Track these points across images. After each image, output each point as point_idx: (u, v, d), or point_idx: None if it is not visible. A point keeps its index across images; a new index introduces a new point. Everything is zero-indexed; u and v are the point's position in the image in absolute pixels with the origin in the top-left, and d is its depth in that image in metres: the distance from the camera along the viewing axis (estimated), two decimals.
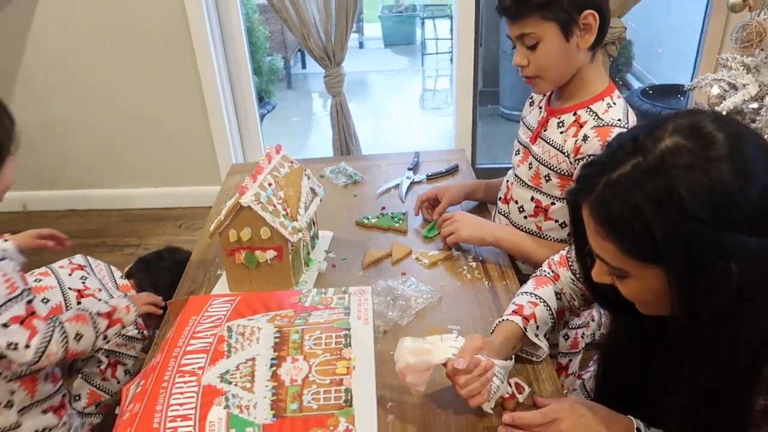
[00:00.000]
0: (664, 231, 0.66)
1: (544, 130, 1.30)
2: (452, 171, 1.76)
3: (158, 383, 0.76)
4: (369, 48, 7.00)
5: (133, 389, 0.83)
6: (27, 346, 1.09)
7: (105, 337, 1.24)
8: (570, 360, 1.38)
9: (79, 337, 1.18)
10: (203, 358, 0.79)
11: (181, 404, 0.72)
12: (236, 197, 1.18)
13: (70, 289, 1.44)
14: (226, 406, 0.71)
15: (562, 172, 1.26)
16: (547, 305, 1.08)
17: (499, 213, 1.46)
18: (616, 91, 1.25)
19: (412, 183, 1.71)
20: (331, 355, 0.78)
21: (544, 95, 1.36)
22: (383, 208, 1.59)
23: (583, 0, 1.15)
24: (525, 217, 1.36)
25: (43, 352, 1.11)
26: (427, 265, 1.35)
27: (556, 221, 1.32)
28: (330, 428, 0.67)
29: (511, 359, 1.02)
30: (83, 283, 1.48)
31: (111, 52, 2.67)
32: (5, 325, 1.07)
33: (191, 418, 0.70)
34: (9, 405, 1.23)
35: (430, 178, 1.73)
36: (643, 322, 0.84)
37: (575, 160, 1.22)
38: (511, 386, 0.94)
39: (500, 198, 1.46)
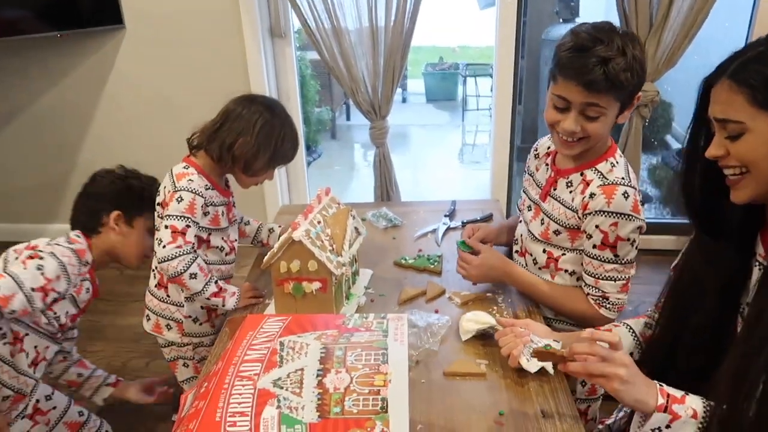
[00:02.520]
0: None
1: (554, 189, 1.41)
2: (487, 219, 1.87)
3: (220, 385, 0.87)
4: (412, 102, 7.25)
5: (191, 396, 0.95)
6: (163, 247, 1.44)
7: (207, 298, 1.51)
8: (588, 406, 1.45)
9: (193, 275, 1.47)
10: (259, 366, 0.91)
11: (239, 403, 0.83)
12: (289, 232, 1.31)
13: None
14: (278, 407, 0.82)
15: (571, 227, 1.37)
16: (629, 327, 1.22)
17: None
18: (618, 151, 1.36)
19: (448, 229, 1.82)
20: (370, 369, 0.88)
21: (548, 153, 1.48)
22: (420, 250, 1.70)
23: (641, 86, 1.26)
24: (539, 269, 1.46)
25: (170, 260, 1.44)
26: (459, 304, 1.45)
27: (566, 270, 1.41)
28: (368, 429, 0.77)
29: (558, 342, 1.16)
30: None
31: (178, 109, 2.92)
32: (166, 227, 1.45)
33: (248, 414, 0.81)
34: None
35: (465, 224, 1.84)
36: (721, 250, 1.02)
37: (583, 215, 1.32)
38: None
39: (517, 251, 1.56)
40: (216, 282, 1.52)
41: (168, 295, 1.66)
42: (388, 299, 1.49)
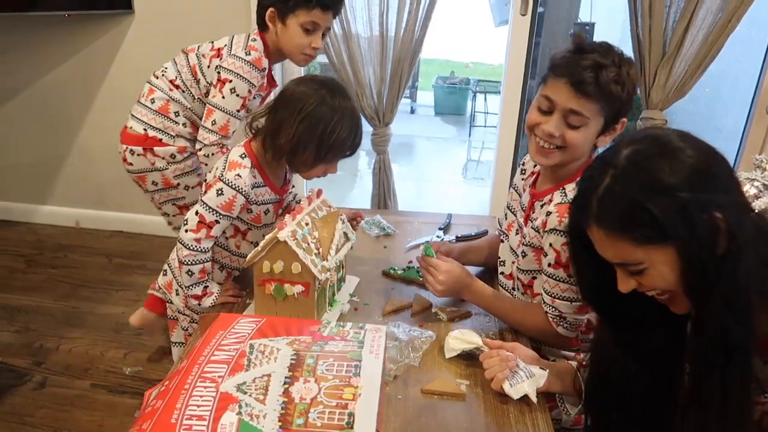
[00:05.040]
0: (660, 209, 0.82)
1: (532, 212, 1.38)
2: (481, 235, 1.82)
3: (180, 385, 0.83)
4: (420, 114, 7.25)
5: (156, 392, 0.90)
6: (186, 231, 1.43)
7: (187, 294, 1.50)
8: None
9: (190, 273, 1.46)
10: (224, 368, 0.86)
11: (198, 405, 0.79)
12: (275, 232, 1.27)
13: None
14: (239, 413, 0.78)
15: (535, 246, 1.34)
16: None
17: (504, 289, 1.51)
18: None
19: (442, 242, 1.78)
20: (341, 381, 0.84)
21: (533, 172, 1.44)
22: (410, 261, 1.66)
23: (627, 109, 1.25)
24: (522, 294, 1.42)
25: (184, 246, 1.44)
26: (445, 320, 1.40)
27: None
28: None
29: (545, 371, 1.14)
30: None
31: None
32: (196, 213, 1.42)
33: (206, 419, 0.76)
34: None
35: (459, 239, 1.79)
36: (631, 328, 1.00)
37: (543, 233, 1.29)
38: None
39: (503, 273, 1.52)
40: (206, 286, 1.50)
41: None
42: (372, 309, 1.44)
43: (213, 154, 1.86)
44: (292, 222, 1.30)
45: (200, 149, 1.87)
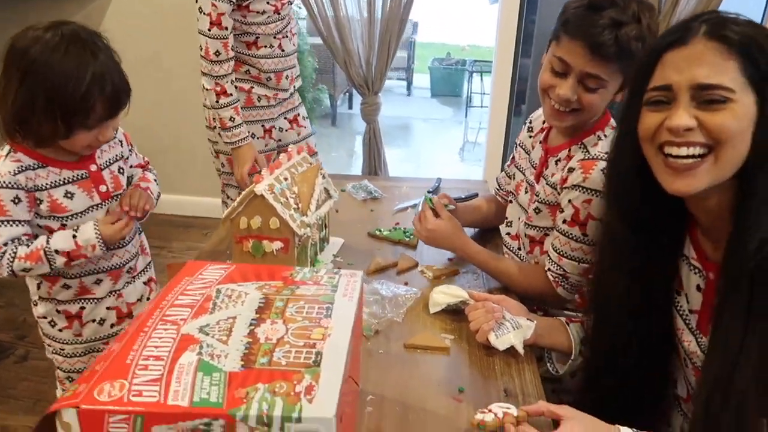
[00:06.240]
0: None
1: (545, 169, 1.31)
2: (471, 197, 1.77)
3: (140, 328, 0.78)
4: (416, 96, 7.20)
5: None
6: None
7: (71, 266, 1.31)
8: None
9: (28, 269, 1.25)
10: (188, 311, 0.81)
11: (156, 347, 0.74)
12: (252, 186, 1.22)
13: None
14: (199, 353, 0.73)
15: (551, 203, 1.27)
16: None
17: (509, 250, 1.45)
18: (612, 122, 1.24)
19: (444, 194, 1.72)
20: (310, 322, 0.79)
21: (542, 128, 1.38)
22: (397, 223, 1.61)
23: None
24: (527, 253, 1.36)
25: None
26: (431, 278, 1.35)
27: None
28: (294, 382, 0.67)
29: (532, 322, 1.10)
30: None
31: (165, 70, 2.82)
32: None
33: (163, 359, 0.72)
34: None
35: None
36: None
37: (561, 189, 1.23)
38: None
39: (508, 234, 1.45)
40: (55, 251, 1.25)
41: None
42: (356, 268, 1.35)
43: (206, 89, 1.79)
44: (269, 176, 1.25)
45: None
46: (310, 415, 0.64)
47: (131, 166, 1.46)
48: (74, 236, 1.27)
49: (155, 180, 1.50)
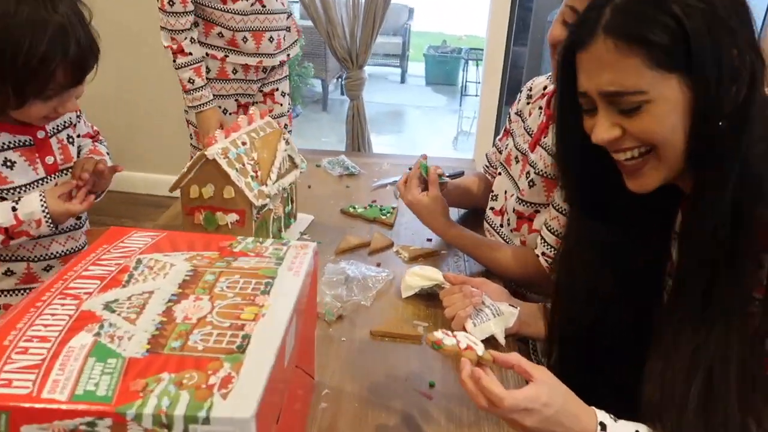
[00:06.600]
0: (689, 18, 0.64)
1: (544, 137, 1.17)
2: (457, 176, 1.62)
3: (32, 303, 0.63)
4: (410, 84, 7.07)
5: None
6: None
7: (8, 246, 1.11)
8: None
9: None
10: (96, 284, 0.67)
11: (46, 325, 0.59)
12: (204, 149, 1.07)
13: None
14: (97, 334, 0.58)
15: (549, 176, 1.13)
16: None
17: (490, 226, 1.31)
18: None
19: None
20: (243, 299, 0.65)
21: (543, 94, 1.23)
22: (374, 201, 1.46)
23: None
24: (511, 230, 1.22)
25: None
26: (407, 259, 1.21)
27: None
28: (208, 372, 0.53)
29: (516, 308, 0.97)
30: None
31: (143, 42, 2.67)
32: None
33: (51, 340, 0.57)
34: None
35: None
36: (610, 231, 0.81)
37: None
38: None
39: (492, 209, 1.31)
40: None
41: None
42: (324, 247, 1.25)
43: (164, 46, 1.65)
44: (224, 139, 1.10)
45: None
46: (222, 415, 0.49)
47: (79, 136, 1.28)
48: (14, 209, 1.09)
49: (108, 154, 1.31)
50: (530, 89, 1.30)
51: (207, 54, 1.67)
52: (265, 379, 0.54)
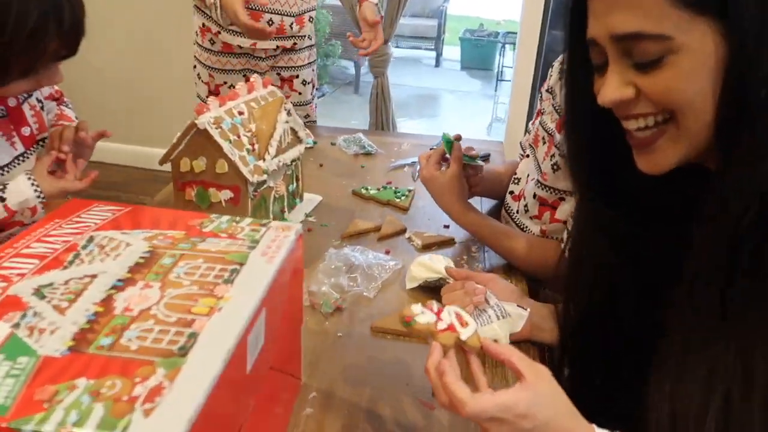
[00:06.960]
0: None
1: None
2: (483, 158, 1.49)
3: None
4: (445, 68, 6.88)
5: None
6: None
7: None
8: None
9: None
10: (33, 264, 0.57)
11: None
12: (194, 117, 0.97)
13: None
14: (16, 325, 0.48)
15: None
16: None
17: (506, 213, 1.17)
18: None
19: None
20: (199, 288, 0.54)
21: None
22: (389, 182, 1.34)
23: None
24: (530, 218, 1.08)
25: None
26: (419, 247, 1.09)
27: (565, 222, 1.03)
28: (135, 380, 0.43)
29: (525, 310, 0.83)
30: None
31: (165, 15, 2.58)
32: None
33: None
34: None
35: None
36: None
37: None
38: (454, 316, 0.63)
39: (511, 192, 1.17)
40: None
41: None
42: (331, 231, 1.13)
43: None
44: (218, 108, 0.99)
45: None
46: None
47: (44, 98, 1.15)
48: (2, 198, 0.99)
49: (76, 118, 1.20)
50: (562, 63, 1.15)
51: (203, 24, 1.54)
52: (204, 390, 0.42)
